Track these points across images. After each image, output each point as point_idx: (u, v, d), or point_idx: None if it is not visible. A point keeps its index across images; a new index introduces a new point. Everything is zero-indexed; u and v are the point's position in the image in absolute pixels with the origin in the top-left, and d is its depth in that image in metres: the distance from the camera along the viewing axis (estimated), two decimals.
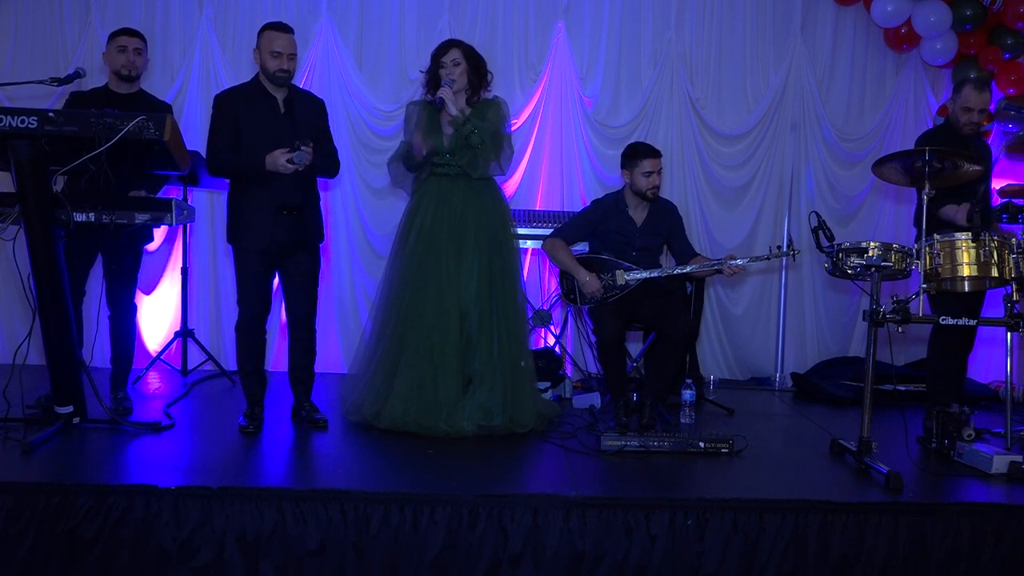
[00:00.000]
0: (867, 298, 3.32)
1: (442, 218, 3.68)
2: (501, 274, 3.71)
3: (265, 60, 3.51)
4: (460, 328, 3.63)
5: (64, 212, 3.22)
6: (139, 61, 3.83)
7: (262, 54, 3.51)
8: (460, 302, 3.64)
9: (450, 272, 3.64)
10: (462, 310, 3.63)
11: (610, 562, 2.75)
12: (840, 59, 5.31)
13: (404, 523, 2.74)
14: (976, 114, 3.93)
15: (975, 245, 3.35)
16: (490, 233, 3.71)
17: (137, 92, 3.88)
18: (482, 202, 3.73)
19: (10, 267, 4.16)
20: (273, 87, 3.56)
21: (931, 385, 4.03)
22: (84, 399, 3.44)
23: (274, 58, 3.50)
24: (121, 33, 3.84)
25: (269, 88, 3.55)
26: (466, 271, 3.65)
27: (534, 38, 5.18)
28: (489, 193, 3.78)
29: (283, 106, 3.57)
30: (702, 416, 4.19)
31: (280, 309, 4.47)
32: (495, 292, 3.68)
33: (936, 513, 2.85)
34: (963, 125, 3.95)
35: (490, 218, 3.73)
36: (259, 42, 3.54)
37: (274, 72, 3.51)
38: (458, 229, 3.67)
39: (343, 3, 5.09)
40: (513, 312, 3.74)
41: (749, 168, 5.28)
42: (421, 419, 3.53)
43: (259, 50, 3.53)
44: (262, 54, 3.51)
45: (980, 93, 3.95)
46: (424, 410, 3.54)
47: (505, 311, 3.69)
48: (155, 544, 2.70)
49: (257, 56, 3.54)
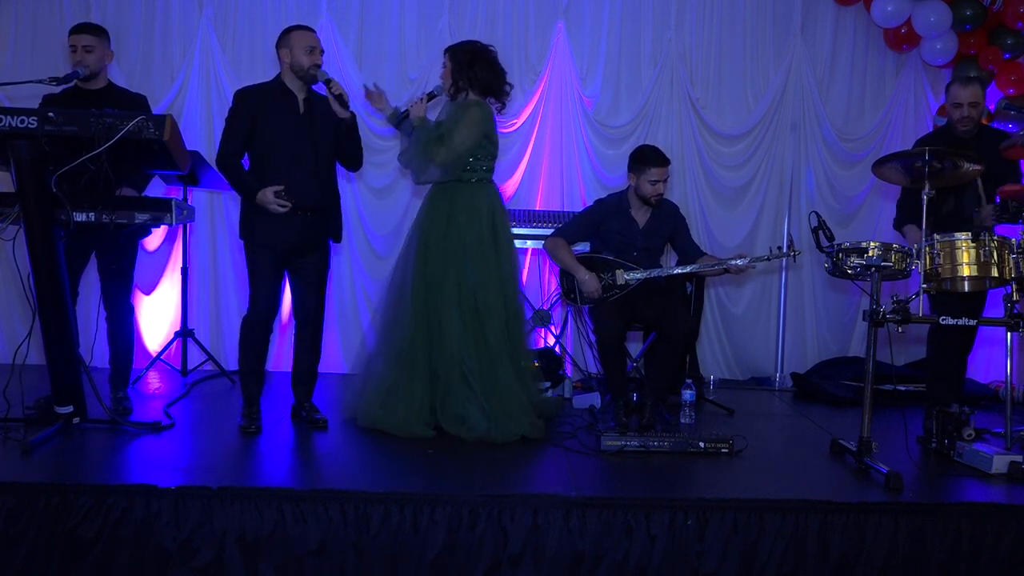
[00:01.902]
0: (867, 298, 3.32)
1: (435, 223, 3.69)
2: (486, 279, 3.64)
3: (299, 58, 3.50)
4: (439, 336, 3.60)
5: (64, 212, 3.22)
6: (90, 59, 3.71)
7: (294, 52, 3.50)
8: (439, 310, 3.61)
9: (434, 278, 3.64)
10: (441, 318, 3.60)
11: (610, 562, 2.75)
12: (840, 59, 5.31)
13: (404, 523, 2.73)
14: (966, 107, 3.93)
15: (975, 245, 3.35)
16: (477, 237, 3.66)
17: (106, 87, 3.84)
18: (474, 204, 3.69)
19: (10, 267, 4.17)
20: (297, 87, 3.56)
21: (931, 385, 4.04)
22: (84, 399, 3.44)
23: (308, 54, 3.51)
24: (72, 31, 3.77)
25: (293, 88, 3.55)
26: (452, 278, 3.62)
27: (534, 38, 5.18)
28: (483, 194, 3.73)
29: (303, 106, 3.58)
30: (702, 416, 4.18)
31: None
32: (481, 298, 3.62)
33: (936, 513, 2.84)
34: (956, 122, 3.96)
35: (479, 222, 3.68)
36: (287, 42, 3.53)
37: (308, 68, 3.51)
38: (447, 235, 3.65)
39: (343, 3, 5.09)
40: (500, 316, 3.65)
41: (749, 168, 5.28)
42: (394, 423, 3.55)
43: (288, 49, 3.52)
44: (294, 52, 3.50)
45: (964, 87, 3.96)
46: (394, 414, 3.56)
47: (492, 317, 3.62)
48: (155, 544, 2.70)
49: (287, 55, 3.52)
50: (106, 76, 3.87)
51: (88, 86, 3.78)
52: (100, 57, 3.78)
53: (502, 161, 5.15)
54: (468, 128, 3.62)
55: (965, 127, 3.96)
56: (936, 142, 3.95)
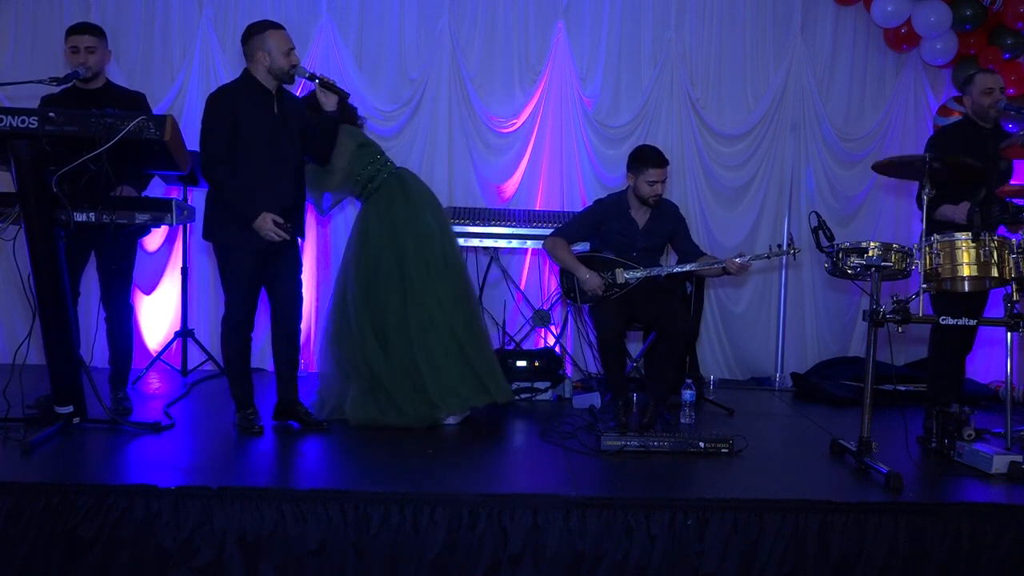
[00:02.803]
0: (867, 298, 3.32)
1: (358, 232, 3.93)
2: (419, 261, 3.83)
3: (277, 59, 3.44)
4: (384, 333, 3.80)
5: (64, 212, 3.22)
6: (92, 59, 3.71)
7: (272, 54, 3.44)
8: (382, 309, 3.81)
9: (369, 275, 3.85)
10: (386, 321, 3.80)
11: (610, 562, 2.75)
12: (840, 59, 5.31)
13: (404, 523, 2.74)
14: (998, 92, 3.95)
15: (975, 245, 3.34)
16: (395, 224, 3.85)
17: (104, 86, 3.84)
18: (381, 206, 3.89)
19: (10, 267, 4.17)
20: (272, 85, 3.50)
21: (931, 385, 4.03)
22: (84, 399, 3.44)
23: (286, 56, 3.46)
24: (72, 31, 3.75)
25: (269, 87, 3.50)
26: (386, 266, 3.82)
27: (534, 38, 5.18)
28: (386, 191, 3.90)
29: (276, 105, 3.53)
30: (702, 416, 4.19)
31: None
32: (412, 288, 3.80)
33: (936, 513, 2.85)
34: (988, 108, 3.94)
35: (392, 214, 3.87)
36: (263, 43, 3.45)
37: (287, 70, 3.47)
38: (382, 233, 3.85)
39: (343, 3, 5.09)
40: (437, 301, 3.82)
41: (749, 168, 5.28)
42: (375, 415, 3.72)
43: (263, 51, 3.44)
44: (272, 54, 3.44)
45: (992, 74, 4.04)
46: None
47: (425, 305, 3.79)
48: (155, 544, 2.70)
49: (264, 58, 3.45)
50: (105, 75, 3.87)
51: (87, 86, 3.77)
52: (101, 58, 3.78)
53: (502, 161, 5.18)
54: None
55: (997, 115, 3.97)
56: (957, 135, 3.95)
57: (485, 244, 4.67)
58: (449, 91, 5.11)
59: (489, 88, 5.19)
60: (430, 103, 5.11)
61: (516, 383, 4.37)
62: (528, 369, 4.44)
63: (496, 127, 5.17)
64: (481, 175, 5.18)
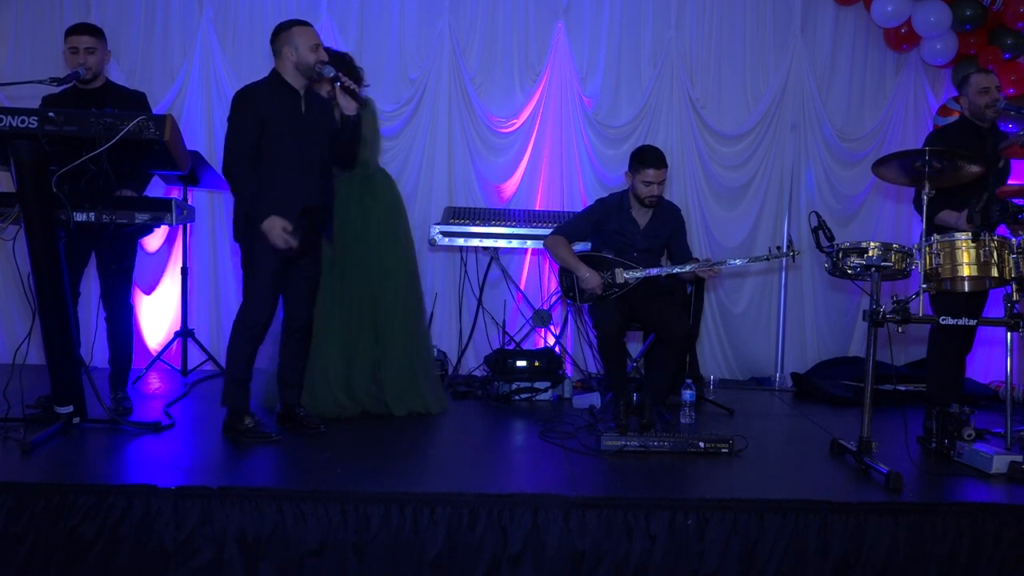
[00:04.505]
0: (867, 298, 3.32)
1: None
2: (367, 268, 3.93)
3: (304, 54, 3.39)
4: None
5: (64, 212, 3.22)
6: (92, 60, 3.70)
7: (300, 51, 3.39)
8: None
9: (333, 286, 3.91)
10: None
11: (610, 562, 2.75)
12: (840, 59, 5.32)
13: (404, 523, 2.73)
14: (994, 91, 3.96)
15: (975, 245, 3.34)
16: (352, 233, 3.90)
17: (105, 85, 3.83)
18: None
19: (10, 267, 4.16)
20: (299, 84, 3.45)
21: (931, 385, 4.03)
22: (84, 399, 3.44)
23: (314, 51, 3.41)
24: (71, 32, 3.74)
25: (296, 86, 3.45)
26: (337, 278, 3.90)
27: (534, 38, 5.18)
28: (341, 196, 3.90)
29: (304, 104, 3.48)
30: (702, 416, 4.18)
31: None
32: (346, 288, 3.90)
33: (936, 513, 2.84)
34: (985, 108, 3.95)
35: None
36: (290, 39, 3.41)
37: (314, 64, 3.41)
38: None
39: (343, 3, 5.09)
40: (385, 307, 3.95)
41: (749, 168, 5.28)
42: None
43: (292, 47, 3.39)
44: (300, 51, 3.39)
45: (987, 74, 4.05)
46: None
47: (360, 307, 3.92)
48: (155, 544, 2.70)
49: (291, 53, 3.40)
50: (105, 75, 3.87)
51: (88, 86, 3.77)
52: (100, 58, 3.78)
53: (502, 161, 5.18)
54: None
55: (994, 115, 3.98)
56: (955, 134, 3.95)
57: (485, 244, 4.67)
58: (449, 91, 5.11)
59: (489, 88, 5.19)
60: (430, 103, 5.11)
61: (516, 383, 4.38)
62: (528, 369, 4.44)
63: (496, 127, 5.17)
64: (481, 175, 5.18)
